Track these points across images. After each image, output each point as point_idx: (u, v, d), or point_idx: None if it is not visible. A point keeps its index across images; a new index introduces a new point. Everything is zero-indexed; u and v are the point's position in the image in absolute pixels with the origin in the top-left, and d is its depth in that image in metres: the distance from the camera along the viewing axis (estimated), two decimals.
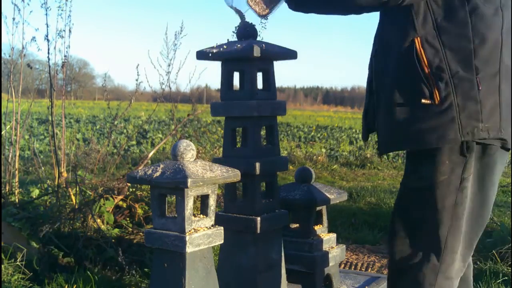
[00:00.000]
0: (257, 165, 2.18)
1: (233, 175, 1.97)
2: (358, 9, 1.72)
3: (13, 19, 3.64)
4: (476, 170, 1.67)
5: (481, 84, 1.62)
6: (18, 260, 2.83)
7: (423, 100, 1.65)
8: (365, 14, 1.83)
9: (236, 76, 2.28)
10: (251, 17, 2.17)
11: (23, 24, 3.66)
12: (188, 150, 1.92)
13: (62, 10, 3.56)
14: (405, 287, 1.73)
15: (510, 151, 1.75)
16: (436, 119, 1.64)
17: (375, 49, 1.86)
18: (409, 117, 1.69)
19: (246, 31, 2.24)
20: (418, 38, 1.66)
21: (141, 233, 3.29)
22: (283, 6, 1.96)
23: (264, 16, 2.06)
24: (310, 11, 1.82)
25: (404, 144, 1.76)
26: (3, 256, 2.83)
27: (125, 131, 11.54)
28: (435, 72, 1.64)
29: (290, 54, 2.32)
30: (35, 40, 3.57)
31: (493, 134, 1.63)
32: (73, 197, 3.49)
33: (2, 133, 4.21)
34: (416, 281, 1.70)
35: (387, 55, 1.77)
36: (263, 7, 2.02)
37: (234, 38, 2.28)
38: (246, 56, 2.16)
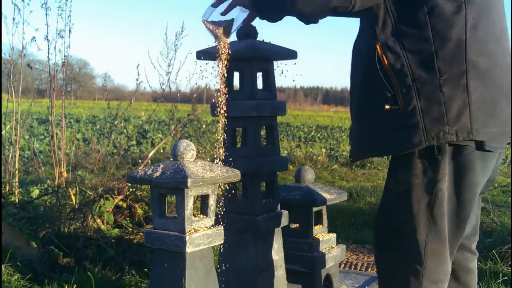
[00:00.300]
0: (257, 165, 2.18)
1: (233, 175, 1.97)
2: (311, 16, 1.67)
3: (13, 19, 3.64)
4: (451, 172, 1.63)
5: (445, 86, 1.56)
6: (18, 260, 2.83)
7: (386, 106, 1.61)
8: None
9: (236, 76, 2.28)
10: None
11: (23, 24, 3.67)
12: (188, 150, 1.92)
13: (62, 10, 3.57)
14: None
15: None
16: (401, 125, 1.60)
17: (351, 59, 1.83)
18: (374, 124, 1.67)
19: (246, 31, 2.24)
20: (379, 44, 1.62)
21: (141, 233, 3.29)
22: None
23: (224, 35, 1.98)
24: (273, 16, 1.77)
25: (371, 152, 1.74)
26: (3, 256, 2.83)
27: (125, 131, 11.54)
28: (398, 77, 1.59)
29: (290, 54, 2.32)
30: (35, 40, 3.57)
31: (462, 136, 1.57)
32: (73, 197, 3.49)
33: (2, 133, 4.21)
34: None
35: (358, 62, 1.75)
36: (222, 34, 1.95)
37: (234, 38, 2.28)
38: (246, 56, 2.16)
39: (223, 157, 2.11)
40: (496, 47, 1.63)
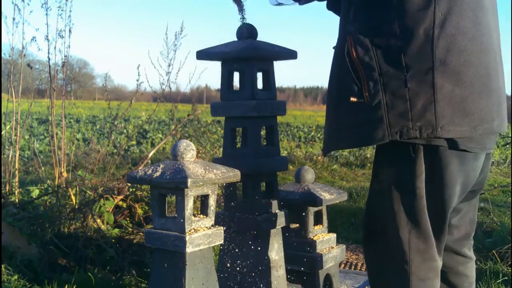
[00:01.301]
0: (257, 165, 2.18)
1: (233, 175, 1.97)
2: None
3: (13, 19, 3.64)
4: (427, 170, 1.61)
5: (411, 81, 1.55)
6: (18, 260, 2.83)
7: (351, 98, 1.60)
8: None
9: (236, 76, 2.28)
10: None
11: (23, 24, 3.66)
12: (188, 150, 1.92)
13: (62, 10, 3.56)
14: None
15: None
16: (365, 118, 1.59)
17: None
18: (340, 117, 1.66)
19: (246, 31, 2.24)
20: (350, 36, 1.62)
21: (141, 233, 3.29)
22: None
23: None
24: None
25: (338, 144, 1.73)
26: (3, 256, 2.83)
27: (125, 131, 11.54)
28: (365, 70, 1.59)
29: (290, 54, 2.32)
30: (35, 40, 3.57)
31: (426, 133, 1.54)
32: (73, 197, 3.49)
33: (2, 133, 4.21)
34: (391, 286, 1.67)
35: (333, 56, 1.74)
36: None
37: (234, 38, 2.28)
38: (246, 56, 2.16)
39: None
40: (470, 44, 1.57)
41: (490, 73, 1.61)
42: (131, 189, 3.75)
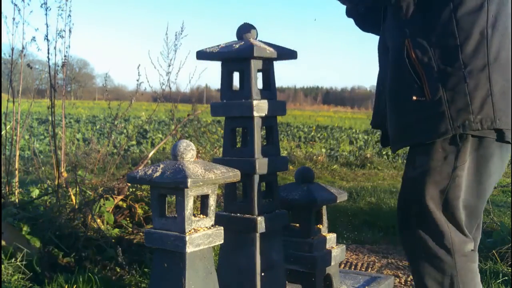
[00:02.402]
0: (257, 165, 2.18)
1: (233, 175, 1.97)
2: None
3: (13, 19, 3.63)
4: (472, 161, 1.73)
5: (469, 77, 1.67)
6: (18, 260, 2.83)
7: (414, 97, 1.72)
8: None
9: (236, 76, 2.28)
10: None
11: (23, 24, 3.66)
12: (188, 150, 1.92)
13: (62, 10, 3.56)
14: (431, 276, 1.78)
15: None
16: (428, 115, 1.71)
17: (378, 54, 1.97)
18: (403, 114, 1.78)
19: (246, 31, 2.24)
20: (408, 39, 1.74)
21: (141, 233, 3.29)
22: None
23: None
24: None
25: (404, 141, 1.82)
26: (3, 256, 2.83)
27: (125, 131, 11.54)
28: (425, 70, 1.71)
29: (290, 54, 2.32)
30: (35, 40, 3.57)
31: (486, 125, 1.67)
32: (73, 197, 3.49)
33: (2, 133, 4.21)
34: (437, 267, 1.76)
35: (386, 58, 1.86)
36: None
37: (234, 38, 2.28)
38: (246, 56, 2.16)
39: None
40: (510, 41, 1.74)
41: None
42: (131, 189, 3.75)
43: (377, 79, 2.01)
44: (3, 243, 2.89)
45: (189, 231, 1.87)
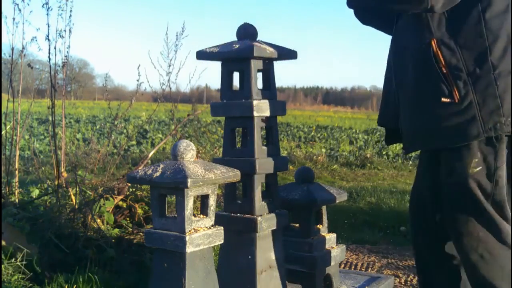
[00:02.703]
0: (257, 165, 2.18)
1: (233, 175, 1.97)
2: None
3: (13, 19, 3.63)
4: (508, 159, 1.73)
5: (499, 80, 1.66)
6: (18, 260, 2.82)
7: (443, 99, 1.70)
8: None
9: (236, 76, 2.28)
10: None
11: (23, 24, 3.66)
12: (188, 150, 1.92)
13: (62, 10, 3.56)
14: (497, 276, 1.77)
15: None
16: (458, 118, 1.69)
17: (392, 52, 1.92)
18: (430, 117, 1.75)
19: (246, 31, 2.24)
20: (434, 40, 1.70)
21: (141, 233, 3.29)
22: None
23: None
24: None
25: (428, 143, 1.80)
26: (3, 256, 2.83)
27: (125, 131, 11.53)
28: (453, 71, 1.68)
29: (290, 54, 2.32)
30: (36, 40, 3.57)
31: None
32: (73, 197, 3.49)
33: (2, 133, 4.21)
34: (503, 266, 1.75)
35: (404, 57, 1.82)
36: None
37: (234, 38, 2.28)
38: (246, 56, 2.16)
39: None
40: None
41: None
42: (131, 189, 3.75)
43: (385, 78, 1.98)
44: (3, 243, 2.89)
45: (189, 231, 1.87)
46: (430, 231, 1.99)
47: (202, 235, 1.88)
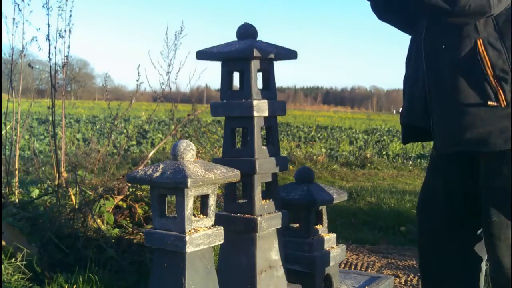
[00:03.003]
0: (257, 165, 2.18)
1: (233, 175, 1.97)
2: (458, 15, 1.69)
3: (13, 19, 3.63)
4: None
5: None
6: (18, 260, 2.83)
7: (489, 102, 1.66)
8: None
9: (236, 76, 2.28)
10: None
11: (23, 24, 3.66)
12: (188, 150, 1.92)
13: (62, 10, 3.56)
14: None
15: None
16: (504, 122, 1.66)
17: (425, 52, 1.83)
18: (474, 119, 1.70)
19: (246, 31, 2.24)
20: (480, 40, 1.66)
21: (141, 233, 3.29)
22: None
23: None
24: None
25: (470, 145, 1.75)
26: (3, 256, 2.83)
27: (125, 131, 11.53)
28: (499, 74, 1.65)
29: (290, 54, 2.32)
30: (36, 40, 3.57)
31: None
32: (73, 197, 3.49)
33: (2, 133, 4.21)
34: None
35: (441, 57, 1.76)
36: None
37: (234, 38, 2.28)
38: (246, 56, 2.16)
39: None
40: None
41: None
42: (131, 189, 3.75)
43: (408, 77, 1.92)
44: (3, 243, 2.89)
45: (189, 231, 1.87)
46: (438, 230, 1.96)
47: (202, 235, 1.88)
